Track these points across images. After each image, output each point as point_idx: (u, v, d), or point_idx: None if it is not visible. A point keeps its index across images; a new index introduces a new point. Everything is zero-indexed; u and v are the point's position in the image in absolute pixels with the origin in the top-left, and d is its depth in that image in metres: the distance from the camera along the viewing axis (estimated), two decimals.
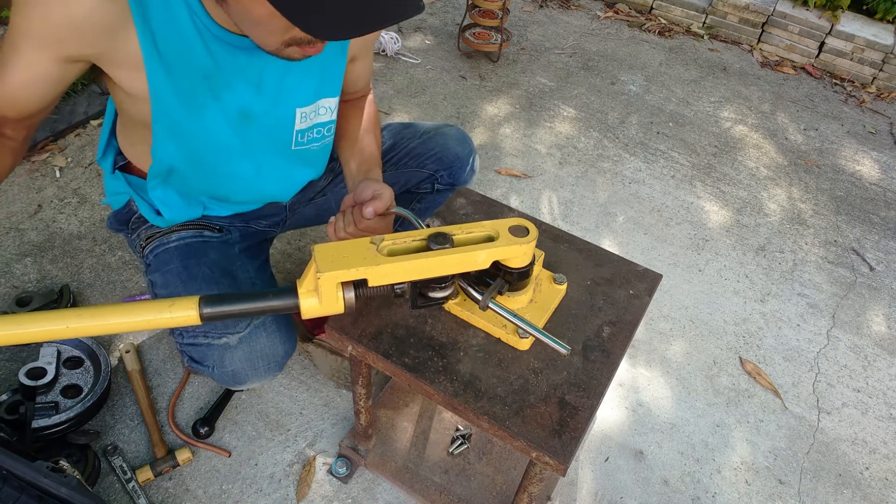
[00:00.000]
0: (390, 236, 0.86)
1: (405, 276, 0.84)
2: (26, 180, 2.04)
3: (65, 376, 1.47)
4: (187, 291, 1.19)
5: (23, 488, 1.01)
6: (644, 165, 2.53)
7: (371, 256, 0.82)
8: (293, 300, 0.82)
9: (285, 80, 1.09)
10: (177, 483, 1.40)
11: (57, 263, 1.81)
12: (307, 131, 1.19)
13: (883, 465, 1.65)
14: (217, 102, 1.06)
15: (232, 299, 0.81)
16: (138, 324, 0.78)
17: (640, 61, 3.20)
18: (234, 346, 1.15)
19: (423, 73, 2.86)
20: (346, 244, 0.83)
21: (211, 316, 0.79)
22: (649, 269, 1.17)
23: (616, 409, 1.68)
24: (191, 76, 1.01)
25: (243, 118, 1.10)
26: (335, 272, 0.79)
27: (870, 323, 2.02)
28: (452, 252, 0.85)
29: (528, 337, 0.99)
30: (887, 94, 3.20)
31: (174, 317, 0.79)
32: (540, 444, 0.89)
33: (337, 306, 0.82)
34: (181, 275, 1.22)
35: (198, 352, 1.18)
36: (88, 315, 0.77)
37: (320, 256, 0.81)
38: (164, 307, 0.79)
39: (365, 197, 1.07)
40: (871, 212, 2.48)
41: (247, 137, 1.14)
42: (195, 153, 1.13)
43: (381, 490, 1.44)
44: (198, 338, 1.17)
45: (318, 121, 1.19)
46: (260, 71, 1.05)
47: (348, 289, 0.82)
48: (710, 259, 2.16)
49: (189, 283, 1.21)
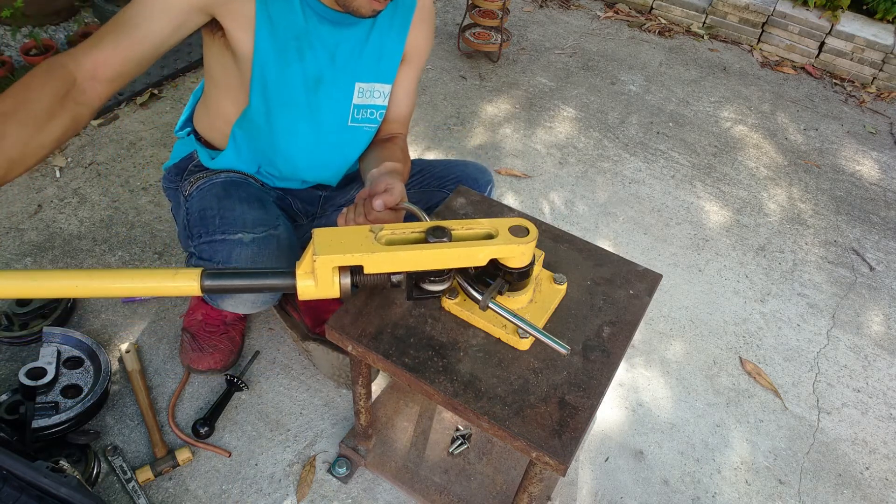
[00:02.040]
0: (390, 226, 0.88)
1: (401, 266, 0.85)
2: (26, 180, 2.04)
3: (65, 376, 1.47)
4: (219, 205, 1.30)
5: (23, 488, 1.01)
6: (644, 165, 2.53)
7: (368, 244, 0.84)
8: (291, 280, 0.84)
9: (354, 55, 1.27)
10: (177, 483, 1.40)
11: (57, 263, 1.80)
12: (362, 108, 1.33)
13: (883, 465, 1.65)
14: (300, 63, 1.22)
15: (233, 275, 0.84)
16: (144, 289, 0.82)
17: (640, 61, 3.20)
18: (247, 242, 1.23)
19: (423, 73, 2.86)
20: (345, 230, 0.85)
21: (211, 288, 0.83)
22: (649, 269, 1.17)
23: (616, 409, 1.68)
24: (286, 35, 1.19)
25: (316, 83, 1.26)
26: (331, 256, 0.81)
27: (870, 323, 2.02)
28: (449, 246, 0.86)
29: (528, 337, 0.99)
30: (887, 94, 3.20)
31: (177, 285, 0.82)
32: (540, 444, 0.89)
33: (333, 290, 0.84)
34: (219, 195, 1.33)
35: (210, 248, 1.25)
36: (98, 276, 0.81)
37: (319, 240, 0.83)
38: (168, 275, 0.82)
39: (378, 190, 1.11)
40: (871, 212, 2.48)
41: (314, 102, 1.28)
42: (272, 110, 1.27)
43: (381, 490, 1.44)
44: (215, 235, 1.25)
45: (372, 102, 1.34)
46: (337, 43, 1.24)
47: (345, 274, 0.84)
48: (710, 259, 2.16)
49: (224, 200, 1.32)
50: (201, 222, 1.31)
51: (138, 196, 2.04)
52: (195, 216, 1.33)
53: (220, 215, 1.29)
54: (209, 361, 1.55)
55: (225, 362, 1.57)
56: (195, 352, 1.56)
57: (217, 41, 1.23)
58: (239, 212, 1.29)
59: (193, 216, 1.34)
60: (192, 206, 1.36)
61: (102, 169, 2.12)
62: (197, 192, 1.38)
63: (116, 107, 2.37)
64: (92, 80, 1.04)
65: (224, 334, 1.59)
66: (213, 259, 1.24)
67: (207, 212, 1.31)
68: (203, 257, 1.26)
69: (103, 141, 2.22)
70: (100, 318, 1.69)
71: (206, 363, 1.55)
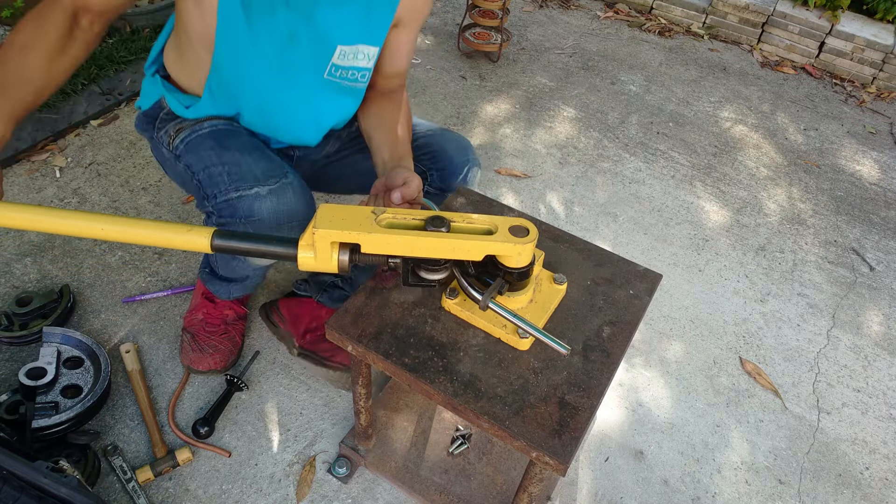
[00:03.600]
0: (392, 210, 0.90)
1: (396, 249, 0.88)
2: (26, 180, 2.04)
3: (65, 376, 1.47)
4: (222, 160, 1.26)
5: (23, 488, 1.01)
6: (644, 165, 2.53)
7: (367, 224, 0.87)
8: (293, 250, 0.88)
9: (334, 15, 1.20)
10: (177, 483, 1.40)
11: (57, 263, 1.81)
12: (343, 69, 1.27)
13: (883, 465, 1.65)
14: (271, 18, 1.16)
15: (241, 237, 0.89)
16: (158, 239, 0.89)
17: (640, 61, 3.20)
18: (265, 195, 1.22)
19: (423, 73, 2.86)
20: (349, 208, 0.88)
21: (220, 247, 0.88)
22: (649, 269, 1.17)
23: (616, 409, 1.68)
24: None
25: (290, 40, 1.20)
26: (329, 231, 0.85)
27: (870, 323, 2.02)
28: (446, 237, 0.87)
29: (528, 337, 0.99)
30: (887, 94, 3.20)
31: (189, 239, 0.88)
32: (540, 444, 0.89)
33: (331, 265, 0.88)
34: (215, 148, 1.29)
35: (229, 206, 1.23)
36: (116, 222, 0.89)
37: (321, 214, 0.87)
38: (182, 230, 0.88)
39: (396, 183, 1.12)
40: (871, 212, 2.48)
41: (288, 59, 1.23)
42: (241, 65, 1.23)
43: (381, 490, 1.44)
44: (230, 193, 1.22)
45: (355, 64, 1.27)
46: (316, 2, 1.17)
47: (343, 251, 0.87)
48: (710, 259, 2.16)
49: (223, 153, 1.27)
50: (210, 181, 1.26)
51: (138, 196, 2.04)
52: (203, 176, 1.28)
53: (227, 171, 1.24)
54: (209, 362, 1.55)
55: (225, 363, 1.57)
56: (195, 352, 1.56)
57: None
58: (245, 164, 1.25)
59: (202, 177, 1.29)
60: (194, 166, 1.30)
61: (102, 169, 2.12)
62: (185, 148, 1.32)
63: (116, 107, 2.37)
64: (85, 11, 1.11)
65: (224, 335, 1.59)
66: (235, 216, 1.22)
67: (212, 169, 1.26)
68: (224, 215, 1.23)
69: (103, 141, 2.22)
70: (100, 318, 1.69)
71: (206, 364, 1.55)
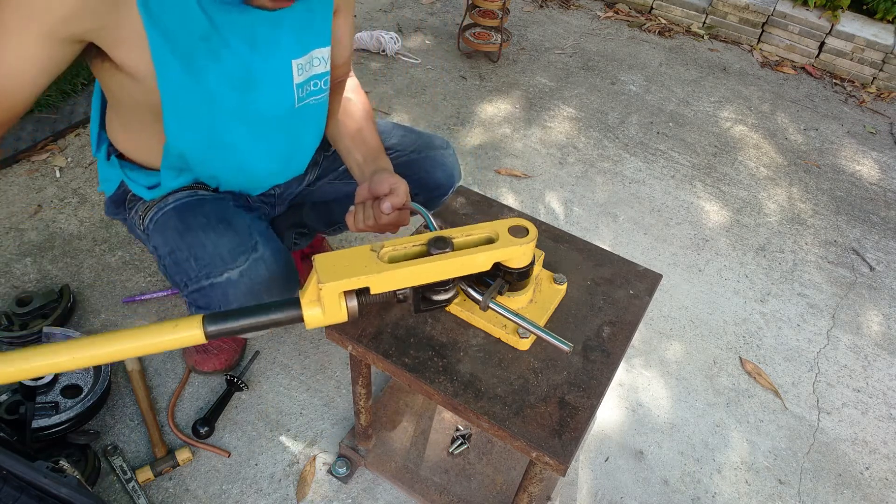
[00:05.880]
0: (390, 242, 0.86)
1: (407, 281, 0.84)
2: (26, 180, 2.04)
3: (65, 376, 1.47)
4: (186, 243, 1.18)
5: (23, 488, 1.01)
6: (644, 165, 2.53)
7: (372, 264, 0.82)
8: (297, 311, 0.81)
9: (277, 34, 1.09)
10: (177, 483, 1.40)
11: (57, 263, 1.81)
12: (305, 84, 1.19)
13: (883, 465, 1.65)
14: (218, 65, 1.04)
15: (235, 315, 0.80)
16: (144, 348, 0.78)
17: (640, 61, 3.20)
18: (236, 280, 1.15)
19: (423, 73, 2.86)
20: (345, 253, 0.83)
21: (215, 333, 0.79)
22: (649, 269, 1.17)
23: (616, 409, 1.68)
24: (190, 39, 0.99)
25: (245, 80, 1.09)
26: (337, 282, 0.79)
27: (870, 323, 2.02)
28: (453, 256, 0.85)
29: (529, 337, 0.99)
30: (887, 94, 3.20)
31: (179, 337, 0.78)
32: (540, 444, 0.89)
33: (340, 315, 0.82)
34: (178, 228, 1.20)
35: (203, 296, 1.18)
36: (91, 345, 0.77)
37: (321, 267, 0.80)
38: (168, 329, 0.78)
39: (382, 191, 1.09)
40: (871, 212, 2.48)
41: (250, 101, 1.12)
42: (200, 127, 1.12)
43: (381, 490, 1.44)
44: (201, 281, 1.16)
45: (313, 72, 1.19)
46: (252, 26, 1.05)
47: (351, 297, 0.81)
48: (710, 259, 2.16)
49: (186, 234, 1.19)
50: (178, 269, 1.20)
51: None
52: (169, 262, 1.21)
53: (193, 256, 1.17)
54: (214, 362, 1.55)
55: (229, 363, 1.58)
56: (200, 353, 1.55)
57: (107, 68, 1.02)
58: (210, 245, 1.17)
59: (168, 263, 1.22)
60: (160, 249, 1.23)
61: None
62: (153, 227, 1.24)
63: None
64: None
65: None
66: (210, 306, 1.17)
67: (178, 254, 1.19)
68: (200, 305, 1.18)
69: None
70: (100, 318, 1.69)
71: (211, 364, 1.55)
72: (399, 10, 3.30)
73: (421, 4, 3.38)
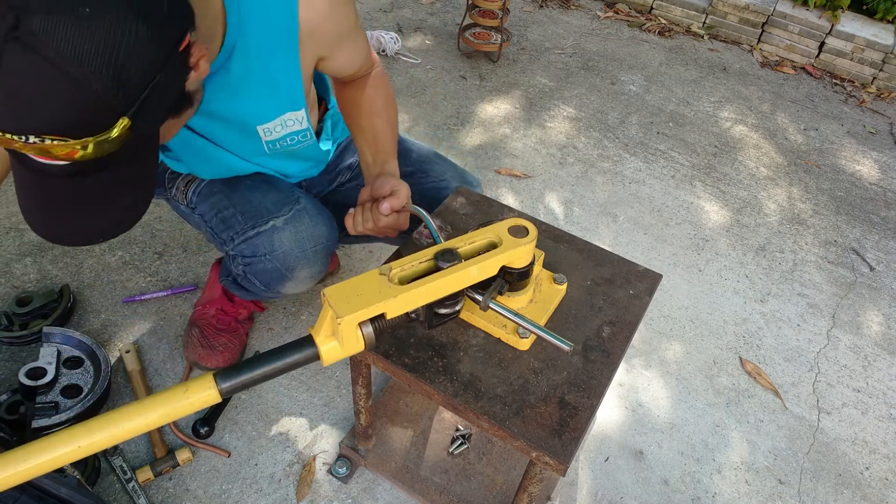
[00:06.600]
0: (397, 263, 0.84)
1: (422, 300, 0.82)
2: None
3: (65, 376, 1.47)
4: (232, 202, 1.26)
5: (23, 488, 1.01)
6: (644, 165, 2.53)
7: (385, 289, 0.79)
8: (312, 349, 0.79)
9: (236, 104, 1.10)
10: (177, 483, 1.40)
11: (57, 263, 1.81)
12: (278, 140, 1.20)
13: (883, 465, 1.65)
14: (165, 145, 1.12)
15: (248, 366, 0.77)
16: (158, 420, 0.73)
17: (640, 61, 3.20)
18: (281, 227, 1.22)
19: (423, 73, 2.86)
20: (352, 283, 0.81)
21: (230, 389, 0.76)
22: (649, 269, 1.17)
23: (616, 409, 1.68)
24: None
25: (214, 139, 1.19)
26: (355, 314, 0.76)
27: (870, 323, 2.02)
28: (463, 267, 0.84)
29: (529, 337, 0.99)
30: (887, 94, 3.20)
31: (193, 400, 0.74)
32: (540, 444, 0.89)
33: (358, 345, 0.80)
34: (224, 191, 1.29)
35: (250, 245, 1.23)
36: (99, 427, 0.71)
37: (335, 300, 0.77)
38: (179, 394, 0.74)
39: (383, 193, 1.10)
40: (871, 212, 2.48)
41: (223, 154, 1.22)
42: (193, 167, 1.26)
43: (381, 490, 1.44)
44: (247, 232, 1.23)
45: (287, 131, 1.19)
46: (206, 100, 1.02)
47: (366, 325, 0.79)
48: (710, 259, 2.16)
49: (232, 194, 1.27)
50: (225, 226, 1.26)
51: None
52: (216, 223, 1.28)
53: (240, 211, 1.25)
54: (218, 359, 1.55)
55: (232, 360, 1.57)
56: (204, 349, 1.55)
57: None
58: (256, 200, 1.24)
59: (215, 223, 1.29)
60: (207, 214, 1.31)
61: None
62: (197, 198, 1.32)
63: None
64: None
65: (234, 332, 1.58)
66: (257, 254, 1.22)
67: (225, 213, 1.27)
68: (247, 255, 1.24)
69: None
70: (100, 318, 1.69)
71: (215, 361, 1.55)
72: (399, 10, 3.30)
73: (421, 4, 3.38)
